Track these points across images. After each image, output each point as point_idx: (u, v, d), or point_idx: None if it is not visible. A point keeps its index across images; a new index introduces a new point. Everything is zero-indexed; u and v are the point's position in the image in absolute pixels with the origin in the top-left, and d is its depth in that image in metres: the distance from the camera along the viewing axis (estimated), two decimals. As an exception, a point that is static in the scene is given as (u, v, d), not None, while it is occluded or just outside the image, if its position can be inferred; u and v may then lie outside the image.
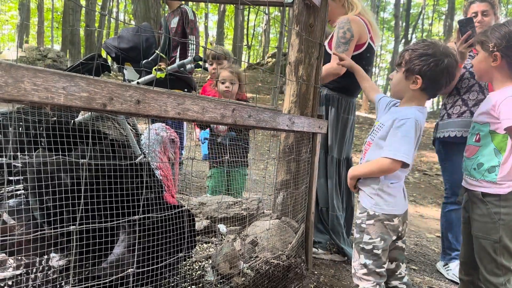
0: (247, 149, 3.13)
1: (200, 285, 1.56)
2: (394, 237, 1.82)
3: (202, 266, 1.80)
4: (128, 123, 2.92)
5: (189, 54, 4.53)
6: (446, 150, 3.04)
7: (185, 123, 3.21)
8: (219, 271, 1.64)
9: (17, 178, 1.36)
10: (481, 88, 2.87)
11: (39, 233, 1.11)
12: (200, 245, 2.11)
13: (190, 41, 4.40)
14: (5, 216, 1.27)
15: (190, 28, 4.52)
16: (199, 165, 4.60)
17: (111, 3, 26.83)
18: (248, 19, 33.31)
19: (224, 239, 2.19)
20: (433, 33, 38.94)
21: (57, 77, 1.01)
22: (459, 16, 34.55)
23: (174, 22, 4.57)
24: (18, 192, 1.32)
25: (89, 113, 2.39)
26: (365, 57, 2.84)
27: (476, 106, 2.85)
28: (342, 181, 3.01)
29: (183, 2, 4.66)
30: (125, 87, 1.18)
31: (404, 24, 26.83)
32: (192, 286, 1.54)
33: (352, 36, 2.67)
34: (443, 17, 31.08)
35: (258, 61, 25.66)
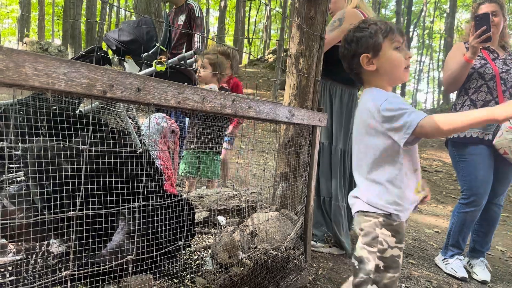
0: (220, 136, 3.16)
1: (199, 273, 1.57)
2: None
3: (201, 256, 1.81)
4: (129, 117, 2.93)
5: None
6: (459, 151, 3.03)
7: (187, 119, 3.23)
8: (218, 260, 1.65)
9: (18, 165, 1.37)
10: (489, 89, 2.89)
11: (39, 218, 1.11)
12: (199, 235, 2.13)
13: (197, 35, 4.38)
14: (5, 202, 1.27)
15: (196, 25, 4.49)
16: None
17: (112, -2, 26.77)
18: (249, 15, 33.24)
19: (224, 230, 2.20)
20: (435, 30, 38.85)
21: (58, 63, 1.02)
22: (460, 13, 34.45)
23: (182, 19, 4.54)
24: (19, 179, 1.33)
25: (91, 105, 2.40)
26: None
27: (484, 107, 2.86)
28: (347, 173, 3.01)
29: None
30: (125, 75, 1.18)
31: (405, 21, 26.75)
32: (191, 275, 1.55)
33: (339, 25, 2.75)
34: (445, 14, 31.00)
35: (259, 56, 25.62)
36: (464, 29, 3.23)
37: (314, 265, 2.59)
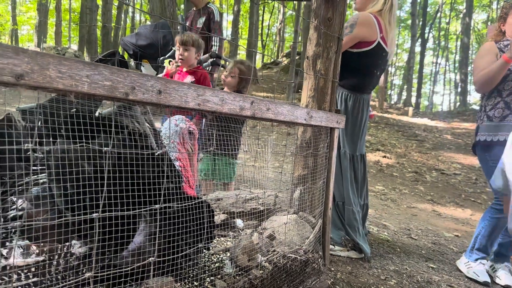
0: (237, 140, 3.12)
1: (219, 276, 1.56)
2: None
3: (220, 258, 1.80)
4: (145, 119, 2.94)
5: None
6: (493, 156, 2.94)
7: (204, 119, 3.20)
8: (238, 263, 1.64)
9: (40, 167, 1.38)
10: None
11: (62, 220, 1.12)
12: (217, 238, 2.12)
13: (214, 38, 4.37)
14: (27, 205, 1.29)
15: (214, 29, 4.49)
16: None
17: (127, 2, 27.10)
18: (262, 18, 33.31)
19: (242, 233, 2.19)
20: (451, 32, 38.37)
21: (81, 65, 1.03)
22: (477, 14, 33.93)
23: (200, 22, 4.54)
24: (41, 181, 1.34)
25: (113, 107, 2.42)
26: (371, 56, 2.84)
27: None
28: (359, 178, 2.99)
29: (209, 0, 4.63)
30: (146, 77, 1.19)
31: (420, 23, 26.48)
32: (211, 277, 1.55)
33: (350, 31, 2.76)
34: (461, 15, 30.61)
35: (272, 60, 25.63)
36: (491, 29, 3.16)
37: (333, 269, 2.56)
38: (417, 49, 26.97)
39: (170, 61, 3.45)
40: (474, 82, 3.03)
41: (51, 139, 1.33)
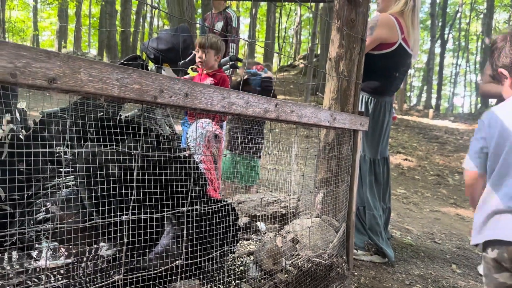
0: (260, 142, 3.10)
1: (244, 280, 1.55)
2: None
3: (244, 262, 1.79)
4: (166, 124, 2.96)
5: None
6: None
7: (225, 122, 3.19)
8: (263, 266, 1.63)
9: (68, 169, 1.40)
10: None
11: (93, 222, 1.13)
12: (240, 242, 2.11)
13: (231, 45, 4.38)
14: (54, 208, 1.30)
15: (230, 33, 4.50)
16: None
17: (145, 8, 27.46)
18: (279, 21, 33.30)
19: (264, 237, 2.17)
20: (471, 32, 37.66)
21: (111, 69, 1.03)
22: (498, 14, 33.20)
23: (218, 27, 4.56)
24: (69, 183, 1.36)
25: (142, 110, 2.45)
26: (392, 58, 2.80)
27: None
28: (380, 182, 2.94)
29: (228, 4, 4.65)
30: (174, 81, 1.19)
31: (440, 23, 26.07)
32: (236, 281, 1.54)
33: (371, 34, 2.72)
34: (481, 15, 30.03)
35: (289, 63, 25.59)
36: None
37: (356, 273, 2.52)
38: (437, 50, 26.57)
39: (192, 68, 3.46)
40: (480, 86, 2.96)
41: (82, 142, 1.34)
